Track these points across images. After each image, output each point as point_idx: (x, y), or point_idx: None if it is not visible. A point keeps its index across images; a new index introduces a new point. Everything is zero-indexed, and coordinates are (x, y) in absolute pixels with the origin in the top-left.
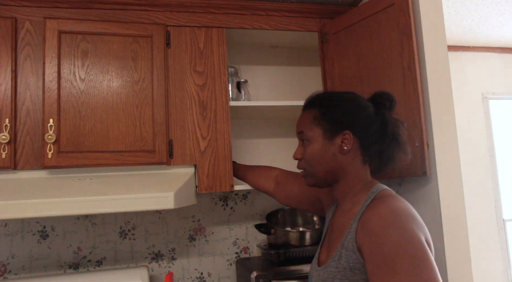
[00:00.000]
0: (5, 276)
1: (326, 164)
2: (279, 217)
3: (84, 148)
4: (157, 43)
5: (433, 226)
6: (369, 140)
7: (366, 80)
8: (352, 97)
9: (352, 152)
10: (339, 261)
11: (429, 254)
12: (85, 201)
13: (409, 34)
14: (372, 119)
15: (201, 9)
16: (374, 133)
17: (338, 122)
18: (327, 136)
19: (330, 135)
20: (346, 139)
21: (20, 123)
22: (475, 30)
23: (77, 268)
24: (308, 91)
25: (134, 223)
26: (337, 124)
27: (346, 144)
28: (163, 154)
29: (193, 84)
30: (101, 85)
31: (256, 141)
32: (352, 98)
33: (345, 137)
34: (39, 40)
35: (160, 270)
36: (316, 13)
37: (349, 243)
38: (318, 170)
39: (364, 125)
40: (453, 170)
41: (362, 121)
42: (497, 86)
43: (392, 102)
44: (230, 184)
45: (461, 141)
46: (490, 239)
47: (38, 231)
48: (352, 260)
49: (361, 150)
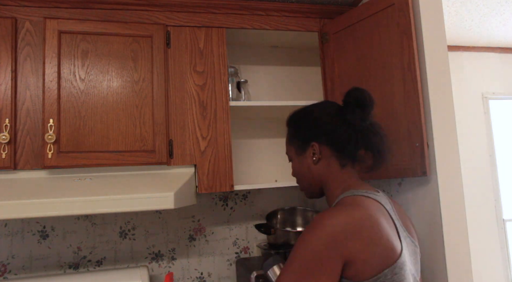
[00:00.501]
0: (5, 276)
1: (306, 177)
2: (279, 217)
3: (84, 148)
4: (157, 43)
5: (433, 226)
6: (340, 143)
7: (366, 80)
8: (310, 110)
9: (325, 160)
10: None
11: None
12: (85, 201)
13: (409, 34)
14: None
15: (201, 9)
16: (342, 135)
17: (304, 137)
18: (299, 152)
19: (301, 151)
20: (314, 150)
21: (20, 123)
22: (475, 30)
23: (77, 268)
24: (308, 91)
25: (134, 223)
26: (304, 139)
27: (315, 154)
28: (163, 154)
29: (193, 84)
30: (101, 85)
31: (256, 141)
32: (310, 111)
33: (313, 149)
34: (39, 40)
35: (160, 270)
36: (316, 13)
37: None
38: (304, 184)
39: (328, 131)
40: (453, 170)
41: (324, 129)
42: (497, 86)
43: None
44: (230, 184)
45: (461, 141)
46: (490, 239)
47: (38, 231)
48: None
49: (335, 155)
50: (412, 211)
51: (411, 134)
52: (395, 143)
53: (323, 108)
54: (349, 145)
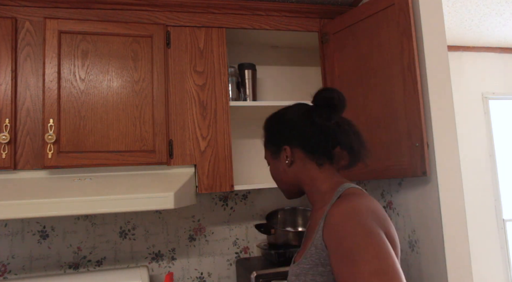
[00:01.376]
0: (5, 276)
1: (283, 179)
2: (279, 217)
3: (84, 148)
4: (157, 43)
5: (433, 226)
6: (310, 145)
7: (366, 80)
8: (281, 114)
9: (299, 162)
10: (310, 258)
11: (386, 244)
12: (85, 201)
13: (409, 34)
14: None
15: (201, 9)
16: (311, 137)
17: (276, 142)
18: (274, 156)
19: (275, 155)
20: (286, 154)
21: (20, 123)
22: (475, 30)
23: (77, 268)
24: (308, 91)
25: (134, 223)
26: (276, 143)
27: (287, 158)
28: (163, 154)
29: (193, 84)
30: (101, 85)
31: (256, 141)
32: (281, 114)
33: (285, 152)
34: (39, 40)
35: (160, 270)
36: (316, 13)
37: (318, 241)
38: (282, 186)
39: (297, 134)
40: (453, 170)
41: (293, 132)
42: (497, 86)
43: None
44: (230, 184)
45: (461, 141)
46: (490, 239)
47: (38, 231)
48: (323, 257)
49: (309, 157)
50: (412, 211)
51: (411, 134)
52: (395, 143)
53: (293, 111)
54: (319, 146)
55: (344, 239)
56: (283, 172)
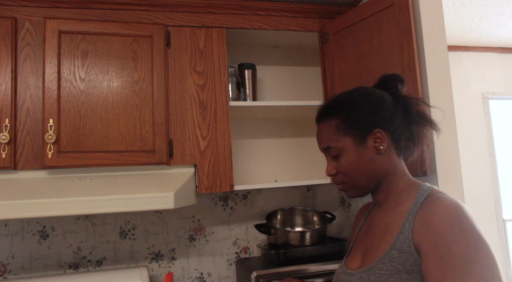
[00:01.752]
0: (5, 276)
1: (366, 171)
2: (279, 217)
3: (84, 148)
4: (157, 43)
5: None
6: (399, 130)
7: (366, 80)
8: (366, 93)
9: (388, 149)
10: (391, 263)
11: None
12: (85, 201)
13: (409, 34)
14: (394, 108)
15: (201, 9)
16: (401, 121)
17: (364, 124)
18: (358, 142)
19: (361, 140)
20: (378, 138)
21: (20, 123)
22: (475, 30)
23: (77, 268)
24: (308, 91)
25: (134, 223)
26: (364, 126)
27: (380, 143)
28: (163, 154)
29: (193, 84)
30: (101, 85)
31: (256, 141)
32: (366, 94)
33: (377, 136)
34: (39, 40)
35: (160, 270)
36: (316, 13)
37: (403, 244)
38: (360, 180)
39: (389, 117)
40: (453, 170)
41: (386, 114)
42: (497, 86)
43: (403, 82)
44: (230, 184)
45: (461, 141)
46: (490, 239)
47: (38, 231)
48: (410, 262)
49: (393, 144)
50: None
51: None
52: None
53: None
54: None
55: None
56: (370, 162)
